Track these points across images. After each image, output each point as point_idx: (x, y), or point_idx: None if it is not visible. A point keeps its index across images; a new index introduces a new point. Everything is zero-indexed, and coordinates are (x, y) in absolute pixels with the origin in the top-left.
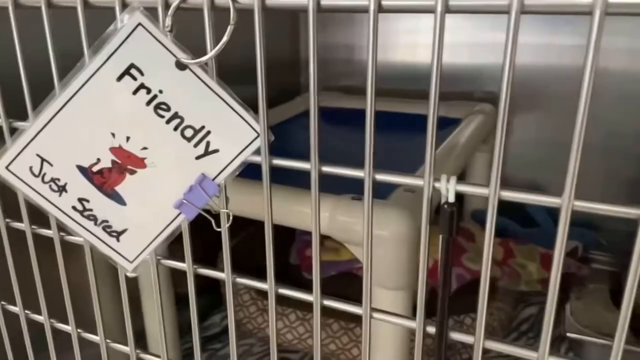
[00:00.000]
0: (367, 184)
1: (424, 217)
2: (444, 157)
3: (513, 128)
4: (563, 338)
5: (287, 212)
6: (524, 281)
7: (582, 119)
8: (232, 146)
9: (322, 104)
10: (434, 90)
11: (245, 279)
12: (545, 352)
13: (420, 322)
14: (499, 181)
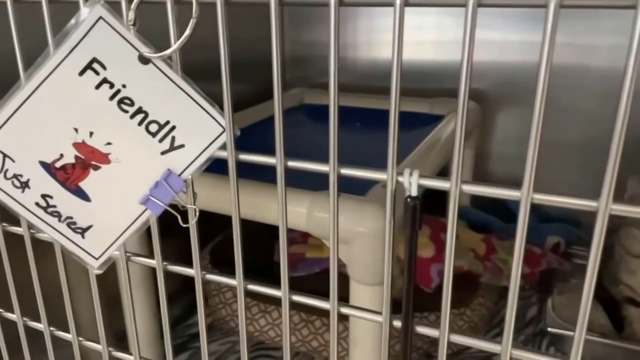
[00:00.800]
0: (332, 178)
1: (388, 211)
2: (425, 153)
3: (496, 125)
4: (545, 333)
5: (261, 207)
6: (506, 276)
7: (539, 113)
8: (198, 141)
9: (306, 101)
10: (395, 86)
11: (215, 275)
12: (508, 345)
13: (386, 316)
14: (460, 175)
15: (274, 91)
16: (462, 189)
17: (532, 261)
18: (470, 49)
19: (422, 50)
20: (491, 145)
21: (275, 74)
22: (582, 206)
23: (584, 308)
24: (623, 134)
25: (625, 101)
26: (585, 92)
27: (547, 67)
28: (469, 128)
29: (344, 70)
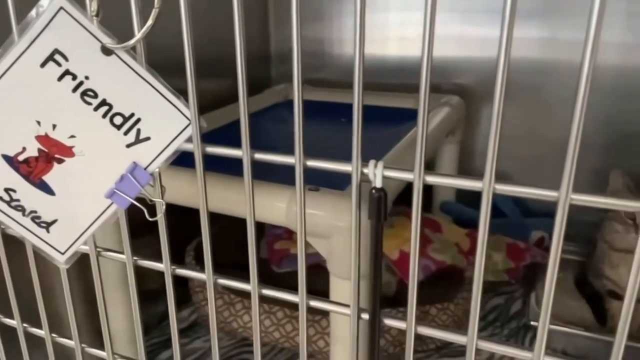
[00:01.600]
0: (298, 170)
1: (354, 203)
2: (407, 148)
3: (482, 120)
4: (528, 327)
5: (235, 201)
6: (490, 271)
7: (499, 106)
8: (164, 134)
9: (292, 97)
10: (358, 78)
11: (185, 269)
12: (474, 335)
13: (354, 309)
14: (423, 166)
15: (238, 85)
16: (426, 180)
17: (516, 255)
18: (430, 40)
19: (407, 46)
20: (476, 140)
21: (240, 70)
22: (543, 196)
23: (547, 298)
24: (581, 127)
25: (582, 95)
26: (570, 87)
27: (506, 61)
28: (453, 123)
29: (330, 66)
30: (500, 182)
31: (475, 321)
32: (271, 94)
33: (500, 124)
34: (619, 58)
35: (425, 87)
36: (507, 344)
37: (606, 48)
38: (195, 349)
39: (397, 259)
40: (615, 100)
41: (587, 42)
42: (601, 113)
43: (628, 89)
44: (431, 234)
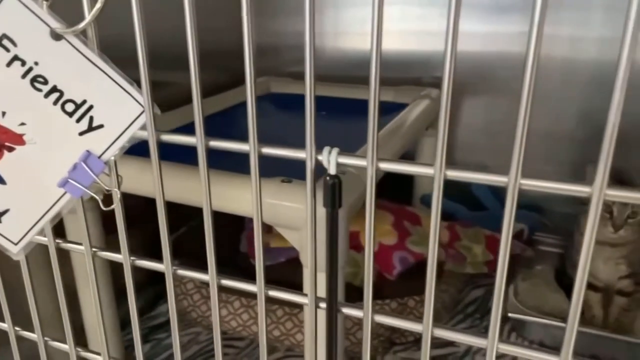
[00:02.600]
0: (253, 158)
1: (308, 191)
2: (385, 139)
3: (463, 113)
4: (506, 319)
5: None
6: (469, 263)
7: (447, 98)
8: (118, 121)
9: (273, 90)
10: (309, 69)
11: (146, 260)
12: (429, 324)
13: (312, 299)
14: (376, 153)
15: (191, 76)
16: (379, 167)
17: (495, 248)
18: (378, 34)
19: (387, 40)
20: (457, 133)
21: (192, 61)
22: (494, 181)
23: (499, 289)
24: (528, 114)
25: (526, 93)
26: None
27: (453, 54)
28: (433, 116)
29: None
30: (449, 167)
31: (430, 310)
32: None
33: (448, 114)
34: (597, 52)
35: (375, 73)
36: (463, 332)
37: (584, 43)
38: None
39: (376, 252)
40: (594, 94)
41: (531, 33)
42: (580, 107)
43: (607, 83)
44: (410, 227)
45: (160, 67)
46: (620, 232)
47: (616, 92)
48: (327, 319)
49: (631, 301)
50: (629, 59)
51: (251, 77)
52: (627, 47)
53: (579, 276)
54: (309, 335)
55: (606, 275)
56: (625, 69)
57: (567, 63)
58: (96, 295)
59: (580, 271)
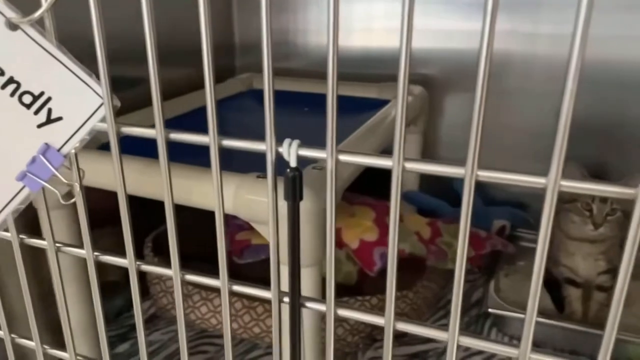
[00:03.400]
0: (213, 151)
1: (270, 184)
2: (365, 135)
3: (445, 110)
4: (487, 314)
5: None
6: (450, 259)
7: (402, 95)
8: (77, 113)
9: (255, 86)
10: (267, 63)
11: (109, 255)
12: (391, 317)
13: (275, 294)
14: (335, 145)
15: (150, 70)
16: (339, 159)
17: (476, 244)
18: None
19: (371, 37)
20: (440, 130)
21: (151, 58)
22: (450, 173)
23: (458, 282)
24: (482, 108)
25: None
26: (533, 78)
27: (408, 52)
28: (415, 112)
29: (294, 56)
30: (407, 160)
31: (391, 304)
32: (234, 83)
33: (404, 111)
34: None
35: (332, 66)
36: (424, 326)
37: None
38: (153, 342)
39: (357, 248)
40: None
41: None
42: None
43: (588, 81)
44: None
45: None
46: (600, 229)
47: (568, 83)
48: (291, 313)
49: (610, 296)
50: (580, 54)
51: (210, 73)
52: (577, 40)
53: (536, 271)
54: (275, 330)
55: (586, 271)
56: (576, 65)
57: (549, 60)
58: (61, 292)
59: (537, 266)
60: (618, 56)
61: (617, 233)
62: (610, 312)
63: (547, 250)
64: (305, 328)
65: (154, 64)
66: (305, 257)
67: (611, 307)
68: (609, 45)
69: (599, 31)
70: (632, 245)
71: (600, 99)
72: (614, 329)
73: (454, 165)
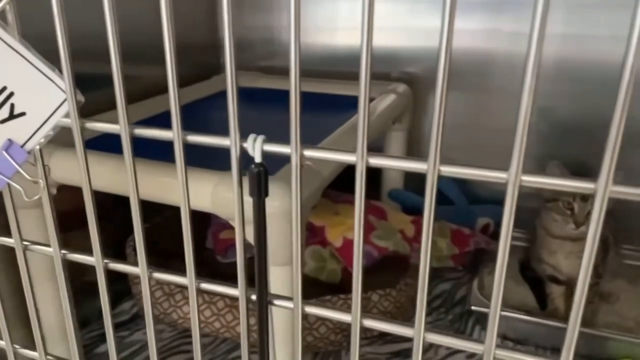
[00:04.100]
0: (178, 146)
1: (235, 179)
2: (348, 132)
3: (430, 108)
4: (471, 312)
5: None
6: (434, 257)
7: (364, 93)
8: (41, 109)
9: (242, 84)
10: (230, 60)
11: (77, 254)
12: (357, 313)
13: (242, 291)
14: (299, 141)
15: (112, 64)
16: (304, 154)
17: (460, 242)
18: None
19: (356, 35)
20: (424, 128)
21: (113, 58)
22: (414, 169)
23: (422, 279)
24: (443, 109)
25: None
26: (516, 77)
27: (369, 51)
28: (400, 110)
29: (281, 54)
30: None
31: (358, 299)
32: (219, 80)
33: (367, 107)
34: (559, 49)
35: (295, 63)
36: (392, 322)
37: (548, 39)
38: (135, 342)
39: (340, 247)
40: (556, 90)
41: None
42: (543, 103)
43: (569, 79)
44: (375, 221)
45: (134, 61)
46: (582, 227)
47: (527, 80)
48: (258, 310)
49: (592, 293)
50: (538, 51)
51: (173, 70)
52: (535, 37)
53: (498, 268)
54: (243, 327)
55: (568, 268)
56: (534, 62)
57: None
58: (29, 290)
59: (499, 263)
60: (601, 56)
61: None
62: (573, 308)
63: (509, 246)
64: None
65: (117, 60)
66: (286, 255)
67: (573, 303)
68: (592, 45)
69: (581, 31)
70: (593, 238)
71: (583, 99)
72: (576, 325)
73: (416, 160)
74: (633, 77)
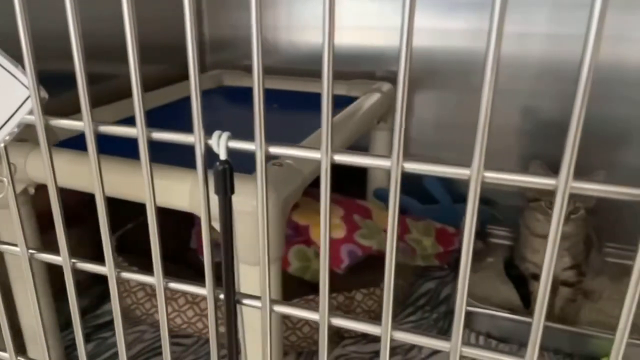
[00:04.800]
0: (141, 142)
1: (200, 176)
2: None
3: (415, 107)
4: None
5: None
6: (420, 256)
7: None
8: (3, 106)
9: (226, 83)
10: (192, 58)
11: (44, 253)
12: (325, 311)
13: (210, 290)
14: (264, 137)
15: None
16: (268, 151)
17: (445, 240)
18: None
19: (342, 35)
20: (410, 127)
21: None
22: (378, 165)
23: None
24: (404, 107)
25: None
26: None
27: (330, 51)
28: (384, 109)
29: (265, 53)
30: (339, 152)
31: (325, 298)
32: (204, 79)
33: (330, 106)
34: (543, 48)
35: (257, 61)
36: (358, 320)
37: (531, 39)
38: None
39: None
40: (539, 90)
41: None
42: (526, 102)
43: (551, 79)
44: (360, 220)
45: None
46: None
47: (486, 75)
48: (226, 310)
49: (575, 291)
50: (497, 50)
51: (135, 65)
52: (494, 35)
53: (463, 264)
54: (211, 326)
55: None
56: (493, 58)
57: (514, 59)
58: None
59: (464, 259)
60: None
61: (582, 230)
62: (537, 302)
63: (472, 241)
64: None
65: (79, 57)
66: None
67: (538, 297)
68: (576, 45)
69: (565, 30)
70: (555, 234)
71: (567, 98)
72: (541, 317)
73: (380, 157)
74: (591, 74)
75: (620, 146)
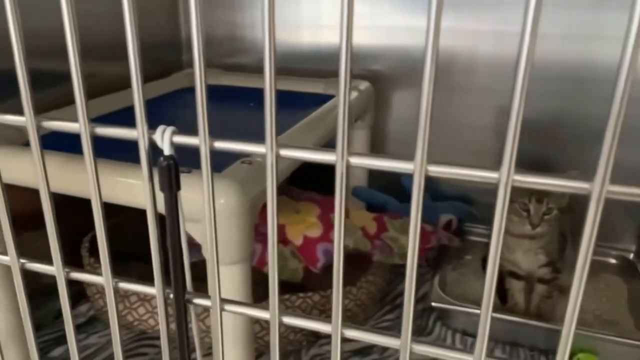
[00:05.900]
0: (84, 137)
1: (145, 172)
2: (304, 129)
3: (393, 105)
4: (432, 308)
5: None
6: (397, 254)
7: (269, 88)
8: None
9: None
10: (133, 58)
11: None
12: (275, 309)
13: (159, 289)
14: (207, 131)
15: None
16: (214, 145)
17: (422, 238)
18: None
19: (321, 33)
20: (388, 125)
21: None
22: (322, 160)
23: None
24: (346, 110)
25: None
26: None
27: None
28: (362, 107)
29: (243, 51)
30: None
31: (275, 298)
32: (178, 78)
33: (273, 103)
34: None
35: (199, 57)
36: (308, 318)
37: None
38: (90, 345)
39: (301, 245)
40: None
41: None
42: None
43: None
44: None
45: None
46: (537, 228)
47: (426, 71)
48: (176, 309)
49: (551, 288)
50: (435, 46)
51: (76, 62)
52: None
53: (409, 261)
54: (163, 327)
55: (527, 264)
56: (431, 56)
57: (492, 58)
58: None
59: (410, 257)
60: (563, 56)
61: (555, 229)
62: (484, 295)
63: (417, 236)
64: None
65: (20, 54)
66: (232, 254)
67: (484, 293)
68: (549, 44)
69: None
70: (498, 232)
71: (545, 98)
72: (488, 310)
73: (325, 151)
74: (528, 72)
75: (596, 145)
